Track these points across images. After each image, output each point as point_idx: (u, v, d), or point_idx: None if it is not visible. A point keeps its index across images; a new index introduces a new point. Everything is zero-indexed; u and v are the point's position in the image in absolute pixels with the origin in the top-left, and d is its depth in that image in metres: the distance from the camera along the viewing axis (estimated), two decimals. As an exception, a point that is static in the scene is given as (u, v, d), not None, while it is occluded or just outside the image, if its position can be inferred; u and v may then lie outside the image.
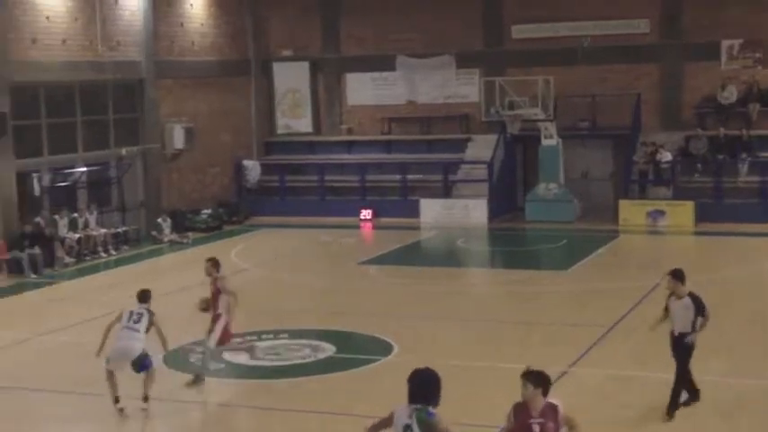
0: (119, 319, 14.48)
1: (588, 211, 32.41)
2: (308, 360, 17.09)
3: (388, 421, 8.45)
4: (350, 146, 36.44)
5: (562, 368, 15.74)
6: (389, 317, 20.07)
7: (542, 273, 25.70)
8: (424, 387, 8.31)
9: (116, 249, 29.08)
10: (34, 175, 27.80)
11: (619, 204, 31.48)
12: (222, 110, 34.59)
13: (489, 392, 14.84)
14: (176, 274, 25.98)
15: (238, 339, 17.41)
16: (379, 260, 27.40)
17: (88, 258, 27.95)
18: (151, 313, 14.60)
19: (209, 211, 33.03)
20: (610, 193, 33.43)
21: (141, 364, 14.28)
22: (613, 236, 29.66)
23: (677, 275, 13.64)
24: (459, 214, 32.54)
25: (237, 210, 34.37)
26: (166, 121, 32.22)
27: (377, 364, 16.65)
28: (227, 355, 17.13)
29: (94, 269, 26.88)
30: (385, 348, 17.39)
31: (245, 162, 35.53)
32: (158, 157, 31.95)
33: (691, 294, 13.61)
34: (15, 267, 25.85)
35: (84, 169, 29.66)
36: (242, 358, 17.08)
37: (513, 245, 30.31)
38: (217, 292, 15.76)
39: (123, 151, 30.62)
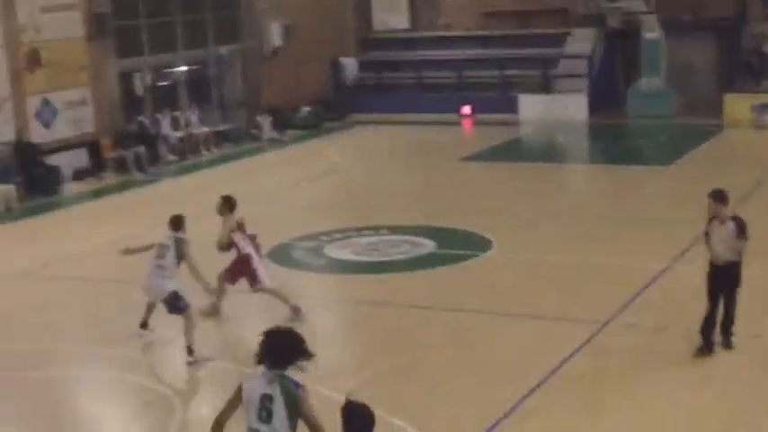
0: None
1: (691, 106, 31.73)
2: (408, 256, 17.27)
3: (235, 399, 7.19)
4: (447, 42, 36.08)
5: (663, 264, 15.67)
6: (489, 213, 20.10)
7: (643, 168, 25.38)
8: (284, 349, 7.08)
9: (217, 147, 29.52)
10: (136, 74, 28.25)
11: (723, 98, 30.75)
12: (319, 7, 34.46)
13: (589, 288, 14.87)
14: (276, 172, 26.29)
15: (334, 236, 17.69)
16: (479, 156, 27.34)
17: (190, 156, 28.43)
18: (181, 243, 12.79)
19: (307, 108, 33.20)
20: (713, 87, 32.64)
21: (172, 305, 12.81)
22: (716, 131, 29.05)
23: (719, 197, 11.90)
24: (559, 109, 32.16)
25: (335, 107, 34.47)
26: (264, 19, 32.28)
27: (476, 260, 16.75)
28: (330, 250, 17.43)
29: (197, 167, 27.34)
30: (484, 244, 17.47)
31: (343, 59, 35.48)
32: (257, 54, 32.11)
33: (734, 218, 12.02)
34: (121, 166, 26.46)
35: (185, 68, 30.02)
36: (344, 253, 17.35)
37: (613, 140, 29.92)
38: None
39: (222, 50, 30.86)
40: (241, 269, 13.92)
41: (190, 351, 12.48)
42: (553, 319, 13.65)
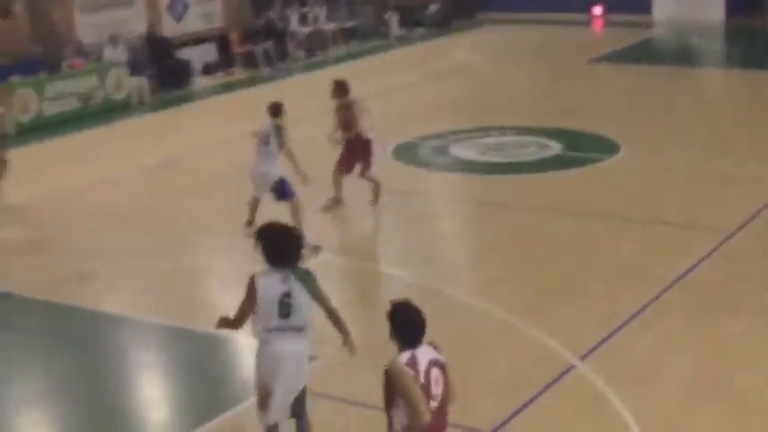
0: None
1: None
2: (534, 157, 17.09)
3: (250, 300, 7.29)
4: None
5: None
6: (618, 116, 19.71)
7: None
8: (290, 246, 7.28)
9: (345, 44, 29.49)
10: (266, -31, 28.28)
11: None
12: None
13: (718, 196, 14.52)
14: (403, 70, 26.16)
15: (460, 135, 17.60)
16: (609, 58, 26.71)
17: (318, 53, 28.48)
18: (280, 130, 12.98)
19: (436, 6, 32.81)
20: None
21: (280, 192, 13.03)
22: None
23: None
24: (694, 10, 31.06)
25: (464, 5, 33.96)
26: None
27: (603, 164, 16.48)
28: (456, 149, 17.38)
29: (324, 63, 27.40)
30: (612, 148, 17.16)
31: (473, -44, 34.86)
32: (386, -50, 31.77)
33: None
34: (249, 61, 26.69)
35: (314, -36, 29.92)
36: (470, 153, 17.27)
37: (751, 43, 28.82)
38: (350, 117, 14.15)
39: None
40: (359, 155, 14.04)
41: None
42: (680, 226, 13.39)
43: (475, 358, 9.56)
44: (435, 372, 6.11)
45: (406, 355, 6.07)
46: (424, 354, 6.12)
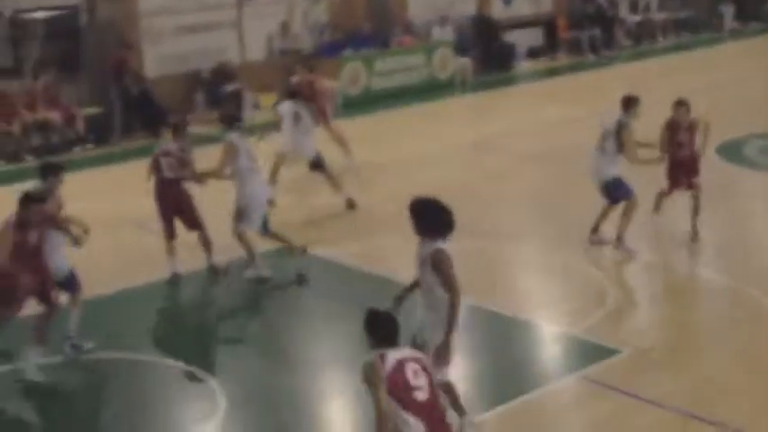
0: None
1: None
2: None
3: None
4: None
5: None
6: None
7: None
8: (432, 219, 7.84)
9: (675, 35, 28.62)
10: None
11: None
12: None
13: None
14: (734, 65, 25.03)
15: None
16: None
17: (646, 42, 27.81)
18: (622, 126, 11.96)
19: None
20: None
21: (610, 193, 12.11)
22: None
23: None
24: None
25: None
26: None
27: None
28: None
29: (651, 53, 26.72)
30: None
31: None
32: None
33: None
34: (574, 47, 26.45)
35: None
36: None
37: None
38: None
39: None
40: (689, 169, 12.70)
41: (619, 239, 12.09)
42: None
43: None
44: (412, 365, 6.26)
45: (374, 355, 6.26)
46: (396, 353, 6.28)
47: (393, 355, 6.23)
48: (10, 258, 9.15)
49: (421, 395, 6.22)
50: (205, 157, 12.51)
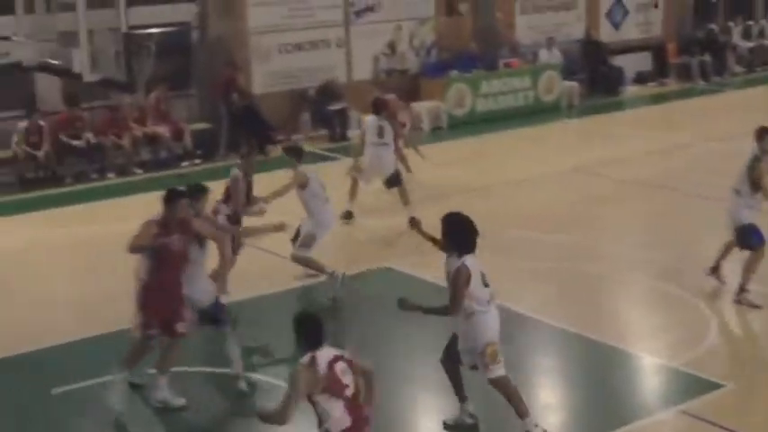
0: None
1: None
2: None
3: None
4: None
5: None
6: None
7: None
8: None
9: (790, 62, 27.98)
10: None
11: None
12: None
13: None
14: None
15: None
16: None
17: (759, 69, 27.23)
18: (756, 161, 11.07)
19: None
20: None
21: (741, 238, 11.38)
22: None
23: None
24: None
25: None
26: None
27: None
28: None
29: (764, 80, 26.14)
30: None
31: None
32: None
33: None
34: (684, 73, 26.04)
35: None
36: None
37: None
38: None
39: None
40: None
41: (741, 289, 11.39)
42: None
43: None
44: (340, 364, 6.79)
45: (306, 357, 6.76)
46: (325, 353, 6.77)
47: (323, 356, 6.76)
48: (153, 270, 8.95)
49: (348, 391, 6.79)
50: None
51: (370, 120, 15.22)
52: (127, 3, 17.87)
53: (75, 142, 18.01)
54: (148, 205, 14.54)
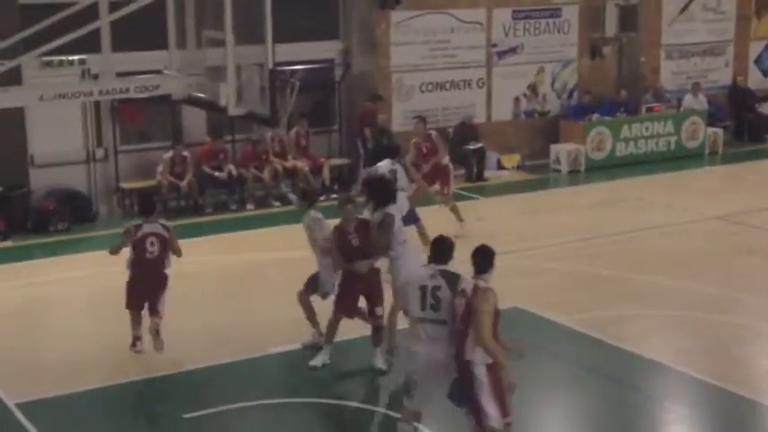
0: None
1: None
2: None
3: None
4: None
5: None
6: None
7: None
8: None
9: None
10: None
11: None
12: None
13: None
14: None
15: None
16: None
17: None
18: None
19: None
20: None
21: None
22: None
23: None
24: None
25: None
26: None
27: None
28: None
29: None
30: None
31: None
32: None
33: None
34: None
35: None
36: None
37: None
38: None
39: None
40: None
41: None
42: None
43: None
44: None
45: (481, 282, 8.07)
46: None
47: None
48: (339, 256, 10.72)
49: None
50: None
51: (382, 164, 14.47)
52: (274, 39, 18.27)
53: (217, 173, 18.49)
54: (285, 238, 14.95)
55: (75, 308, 13.47)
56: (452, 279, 8.30)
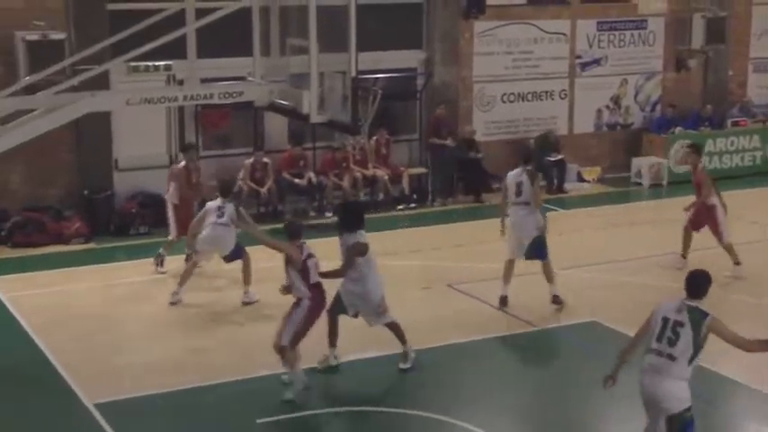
0: None
1: None
2: None
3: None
4: None
5: None
6: None
7: None
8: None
9: None
10: None
11: None
12: None
13: None
14: None
15: None
16: None
17: None
18: None
19: None
20: None
21: None
22: None
23: None
24: None
25: None
26: None
27: None
28: None
29: None
30: None
31: None
32: None
33: None
34: None
35: None
36: None
37: None
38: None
39: None
40: None
41: None
42: None
43: None
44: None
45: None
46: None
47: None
48: None
49: None
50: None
51: (511, 175, 13.36)
52: (357, 48, 18.34)
53: (297, 180, 18.60)
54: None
55: (154, 310, 13.62)
56: (698, 318, 8.11)
